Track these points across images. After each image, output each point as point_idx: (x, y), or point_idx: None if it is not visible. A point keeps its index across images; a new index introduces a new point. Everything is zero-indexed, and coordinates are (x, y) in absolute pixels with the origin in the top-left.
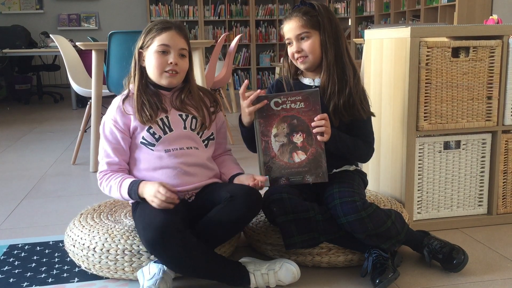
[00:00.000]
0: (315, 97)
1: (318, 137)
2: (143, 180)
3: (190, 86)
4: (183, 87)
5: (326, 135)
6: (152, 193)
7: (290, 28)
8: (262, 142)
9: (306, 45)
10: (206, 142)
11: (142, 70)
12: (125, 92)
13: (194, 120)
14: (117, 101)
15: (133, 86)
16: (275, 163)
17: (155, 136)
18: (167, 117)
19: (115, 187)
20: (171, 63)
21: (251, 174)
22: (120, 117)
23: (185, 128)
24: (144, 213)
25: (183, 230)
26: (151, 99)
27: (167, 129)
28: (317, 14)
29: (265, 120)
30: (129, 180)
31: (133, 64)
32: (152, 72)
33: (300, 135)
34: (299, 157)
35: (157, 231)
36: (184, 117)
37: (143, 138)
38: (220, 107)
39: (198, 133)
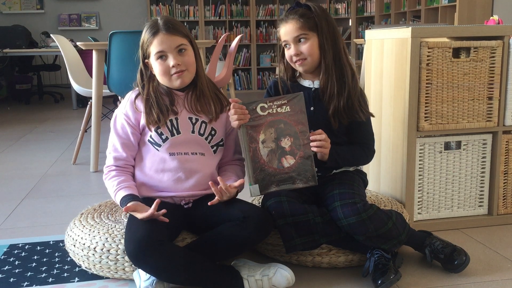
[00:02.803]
0: (300, 100)
1: (315, 149)
2: (131, 200)
3: (201, 82)
4: (195, 84)
5: (325, 149)
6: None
7: (287, 31)
8: (250, 149)
9: (304, 47)
10: (215, 148)
11: (153, 78)
12: (137, 89)
13: (203, 125)
14: (130, 96)
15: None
16: (264, 170)
17: (162, 136)
18: (176, 119)
19: (112, 193)
20: (173, 66)
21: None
22: (132, 113)
23: (193, 132)
24: (130, 226)
25: (166, 243)
26: (160, 101)
27: (175, 131)
28: (314, 15)
29: (252, 126)
30: (121, 194)
31: (139, 75)
32: (161, 80)
33: (287, 139)
34: (288, 161)
35: (137, 245)
36: (193, 120)
37: (150, 137)
38: (228, 108)
39: (206, 138)
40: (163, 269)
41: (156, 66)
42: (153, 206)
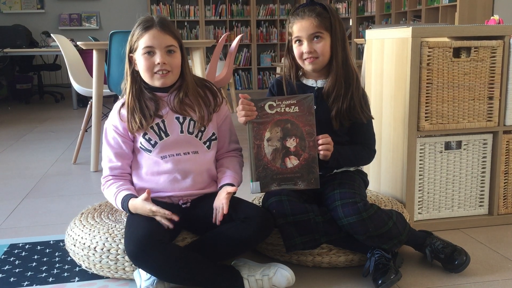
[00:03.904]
0: (309, 102)
1: (322, 153)
2: (131, 197)
3: (186, 85)
4: (180, 86)
5: (329, 152)
6: (146, 213)
7: (303, 26)
8: (255, 146)
9: (319, 46)
10: (208, 143)
11: (135, 75)
12: (125, 97)
13: (192, 123)
14: (116, 106)
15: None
16: (267, 168)
17: (151, 142)
18: (163, 121)
19: (112, 199)
20: (158, 63)
21: (224, 200)
22: (119, 123)
23: (181, 132)
24: (129, 225)
25: (166, 242)
26: (144, 106)
27: (163, 134)
28: (330, 16)
29: (258, 123)
30: (122, 195)
31: (125, 70)
32: (143, 75)
33: (293, 139)
34: (292, 162)
35: (137, 245)
36: (181, 120)
37: (140, 143)
38: (221, 101)
39: (196, 136)
40: (163, 269)
41: (141, 61)
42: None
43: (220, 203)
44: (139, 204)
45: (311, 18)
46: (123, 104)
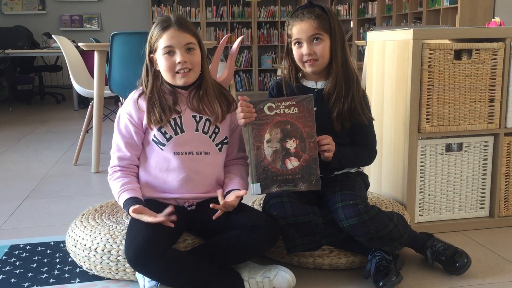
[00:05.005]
0: (309, 103)
1: (325, 154)
2: (132, 205)
3: (206, 83)
4: (200, 84)
5: (331, 153)
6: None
7: (302, 28)
8: (254, 148)
9: (318, 48)
10: (219, 146)
11: (157, 74)
12: (141, 87)
13: (207, 123)
14: (133, 95)
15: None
16: (267, 170)
17: (166, 135)
18: (180, 117)
19: (116, 196)
20: (179, 62)
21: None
22: (135, 112)
23: (197, 130)
24: (130, 230)
25: (165, 248)
26: (163, 101)
27: (178, 130)
28: (329, 18)
29: (258, 125)
30: (124, 197)
31: (144, 70)
32: (165, 75)
33: (293, 141)
34: (292, 163)
35: (136, 250)
36: (197, 118)
37: (154, 136)
38: (235, 107)
39: (210, 136)
40: (163, 274)
41: (161, 61)
42: (165, 212)
43: (230, 202)
44: (136, 217)
45: (310, 20)
46: (140, 94)
